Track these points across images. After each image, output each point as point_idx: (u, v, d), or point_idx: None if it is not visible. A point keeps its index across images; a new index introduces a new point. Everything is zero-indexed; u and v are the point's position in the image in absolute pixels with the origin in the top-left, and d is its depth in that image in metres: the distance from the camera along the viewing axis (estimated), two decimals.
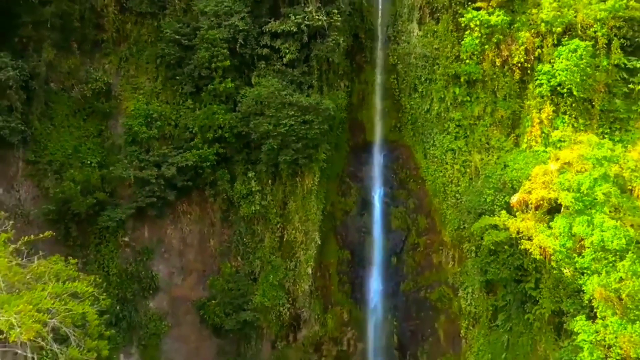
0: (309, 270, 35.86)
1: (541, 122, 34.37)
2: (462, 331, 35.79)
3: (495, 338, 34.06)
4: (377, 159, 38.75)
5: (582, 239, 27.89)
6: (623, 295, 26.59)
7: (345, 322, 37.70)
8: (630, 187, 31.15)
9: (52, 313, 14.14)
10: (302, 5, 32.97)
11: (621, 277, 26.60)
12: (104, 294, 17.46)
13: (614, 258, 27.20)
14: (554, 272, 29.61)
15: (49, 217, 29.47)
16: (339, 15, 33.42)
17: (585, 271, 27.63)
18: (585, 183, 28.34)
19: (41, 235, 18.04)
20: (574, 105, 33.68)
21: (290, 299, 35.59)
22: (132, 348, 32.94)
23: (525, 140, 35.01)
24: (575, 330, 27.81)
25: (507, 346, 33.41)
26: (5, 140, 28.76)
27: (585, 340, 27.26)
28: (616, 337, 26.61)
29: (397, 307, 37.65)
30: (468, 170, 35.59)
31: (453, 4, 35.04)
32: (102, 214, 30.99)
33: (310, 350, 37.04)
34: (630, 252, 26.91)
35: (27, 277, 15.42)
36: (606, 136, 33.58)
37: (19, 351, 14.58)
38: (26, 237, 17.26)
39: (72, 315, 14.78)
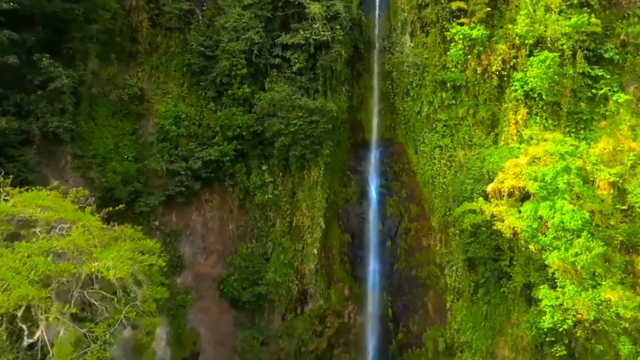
0: (315, 251, 40.54)
1: (517, 122, 38.88)
2: (447, 304, 40.26)
3: (476, 309, 38.53)
4: (374, 154, 43.00)
5: (546, 221, 32.79)
6: (578, 267, 31.59)
7: (346, 297, 42.20)
8: (591, 179, 36.23)
9: (132, 262, 19.31)
10: (310, 21, 37.46)
11: (577, 252, 31.58)
12: (164, 252, 22.62)
13: (571, 236, 32.07)
14: (524, 250, 34.63)
15: (95, 203, 34.33)
16: (341, 30, 37.98)
17: (547, 247, 32.44)
18: (549, 174, 33.26)
19: (116, 208, 23.23)
20: (544, 107, 38.10)
21: (298, 276, 40.34)
22: (162, 317, 37.88)
23: (503, 138, 39.54)
24: (539, 297, 32.76)
25: (486, 316, 37.97)
26: (59, 137, 33.56)
27: (547, 305, 32.22)
28: (573, 302, 31.77)
29: (391, 284, 42.06)
30: (453, 164, 40.03)
31: (440, 20, 39.36)
32: (138, 200, 35.87)
33: (315, 322, 41.68)
34: (585, 232, 31.92)
35: (107, 237, 20.53)
36: (572, 135, 38.08)
37: (105, 293, 19.71)
38: (107, 209, 22.43)
39: (143, 265, 19.91)
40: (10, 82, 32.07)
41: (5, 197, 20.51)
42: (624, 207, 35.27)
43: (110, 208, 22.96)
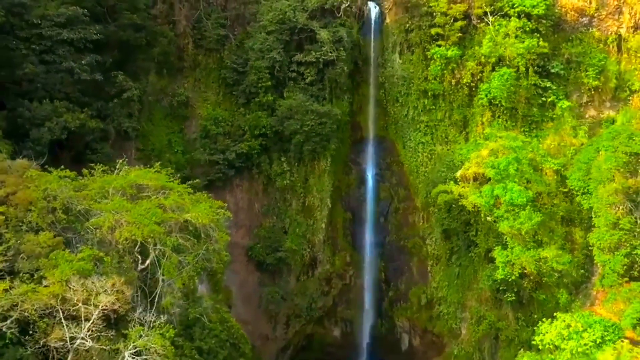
0: (323, 226, 50.28)
1: (483, 123, 48.49)
2: (428, 268, 50.13)
3: (450, 271, 48.24)
4: (370, 149, 52.21)
5: (499, 198, 42.80)
6: (523, 232, 41.53)
7: (348, 263, 51.82)
8: (540, 167, 46.33)
9: (210, 214, 29.43)
10: (319, 44, 47.23)
11: (522, 221, 41.48)
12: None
13: (518, 210, 41.77)
14: (485, 222, 44.51)
15: None
16: (344, 51, 47.76)
17: (501, 218, 42.19)
18: (503, 163, 43.00)
19: (197, 180, 33.55)
20: (504, 111, 47.68)
21: (309, 246, 50.03)
22: (203, 277, 47.83)
23: (472, 136, 49.18)
24: (495, 256, 42.91)
25: (458, 276, 47.67)
26: (128, 135, 43.68)
27: (500, 262, 42.10)
28: (519, 259, 41.80)
29: (384, 252, 51.68)
30: (433, 156, 49.80)
31: (422, 42, 49.05)
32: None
33: (323, 283, 51.28)
34: (528, 206, 41.87)
35: (192, 200, 30.73)
36: (526, 133, 47.85)
37: (190, 237, 29.84)
38: (190, 181, 32.67)
39: (215, 218, 30.05)
40: (93, 92, 41.97)
41: (122, 173, 31.00)
42: (565, 190, 45.64)
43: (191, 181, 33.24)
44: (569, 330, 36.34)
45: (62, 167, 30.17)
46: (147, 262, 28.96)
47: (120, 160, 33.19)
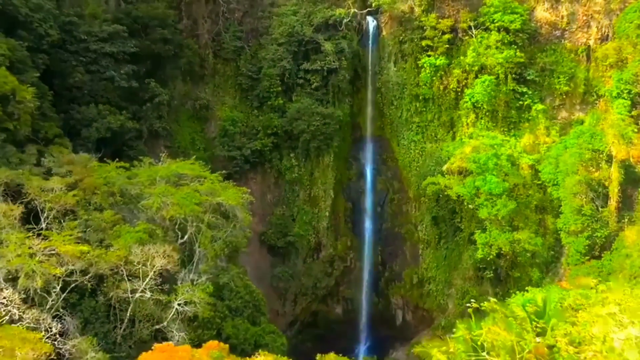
0: (327, 214, 56.79)
1: (467, 124, 55.32)
2: (420, 251, 56.53)
3: (439, 254, 54.82)
4: (369, 146, 58.37)
5: (480, 189, 49.53)
6: (499, 218, 48.40)
7: (349, 247, 58.13)
8: (517, 163, 53.02)
9: (237, 198, 36.14)
10: (324, 54, 53.81)
11: (499, 208, 48.38)
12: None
13: (495, 198, 48.60)
14: (468, 210, 51.27)
15: None
16: (345, 60, 54.36)
17: (480, 206, 48.99)
18: (483, 158, 49.79)
19: (223, 171, 40.23)
20: (486, 114, 54.35)
21: (315, 232, 56.61)
22: (223, 257, 54.46)
23: (458, 135, 55.84)
24: (475, 239, 49.69)
25: (445, 258, 54.30)
26: (158, 134, 50.42)
27: (480, 243, 48.94)
28: (496, 240, 48.58)
29: (380, 238, 57.98)
30: (423, 153, 56.18)
31: (414, 52, 55.48)
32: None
33: (327, 265, 57.53)
34: (504, 195, 48.63)
35: (222, 186, 37.44)
36: (505, 132, 54.62)
37: (219, 217, 36.55)
38: (217, 173, 39.37)
39: (240, 201, 36.77)
40: (129, 97, 48.65)
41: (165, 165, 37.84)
42: (538, 182, 52.23)
43: (219, 172, 40.00)
44: None
45: (117, 159, 36.91)
46: (186, 236, 35.72)
47: (163, 155, 39.91)
